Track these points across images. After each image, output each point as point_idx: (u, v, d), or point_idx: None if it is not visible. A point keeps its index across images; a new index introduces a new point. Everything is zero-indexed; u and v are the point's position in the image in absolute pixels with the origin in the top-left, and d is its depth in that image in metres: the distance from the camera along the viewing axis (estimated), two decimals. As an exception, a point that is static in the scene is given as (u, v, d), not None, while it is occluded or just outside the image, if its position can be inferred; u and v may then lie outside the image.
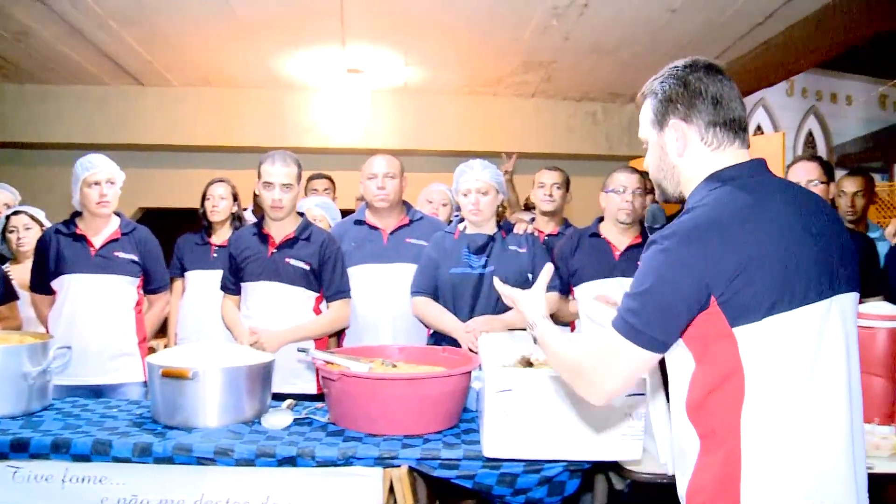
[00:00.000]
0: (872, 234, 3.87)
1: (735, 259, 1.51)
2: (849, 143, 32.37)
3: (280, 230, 3.49)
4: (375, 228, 3.74)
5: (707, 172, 1.69)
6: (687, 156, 1.72)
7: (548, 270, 2.09)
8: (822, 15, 5.98)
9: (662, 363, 1.73)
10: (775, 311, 1.52)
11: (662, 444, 2.31)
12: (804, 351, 1.55)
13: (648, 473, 2.38)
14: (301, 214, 3.61)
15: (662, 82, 1.75)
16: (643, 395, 2.25)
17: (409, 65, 7.13)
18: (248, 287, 3.48)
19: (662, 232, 1.59)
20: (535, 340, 1.95)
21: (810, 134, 32.34)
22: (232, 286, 3.56)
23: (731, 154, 1.70)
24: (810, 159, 3.51)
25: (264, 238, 3.49)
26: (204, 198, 4.43)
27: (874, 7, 6.19)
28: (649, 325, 1.56)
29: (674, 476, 2.09)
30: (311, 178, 5.11)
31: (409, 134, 8.20)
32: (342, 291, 3.51)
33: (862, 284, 1.73)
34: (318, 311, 3.51)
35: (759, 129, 30.14)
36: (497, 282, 2.19)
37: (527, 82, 7.82)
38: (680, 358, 1.66)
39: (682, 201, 1.78)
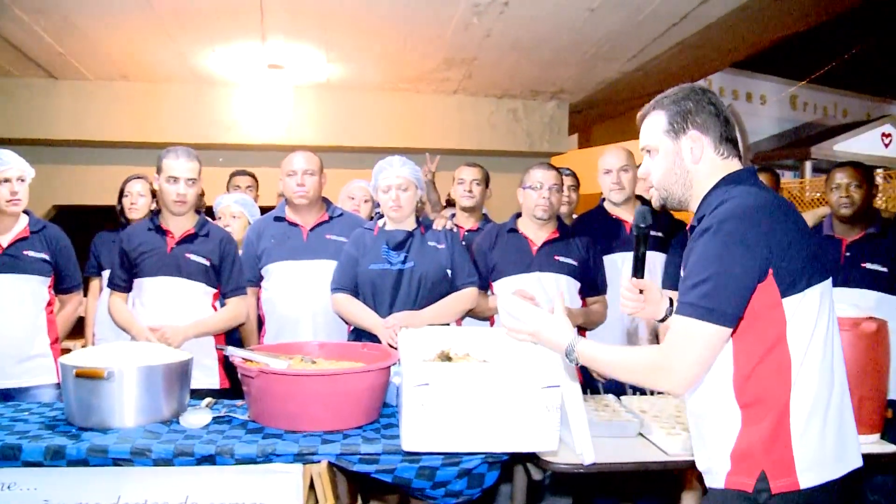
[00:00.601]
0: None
1: (783, 236, 1.76)
2: (763, 141, 33.38)
3: (179, 225, 3.45)
4: (295, 225, 3.73)
5: (718, 178, 1.92)
6: (702, 163, 1.94)
7: (562, 298, 2.32)
8: (735, 17, 6.16)
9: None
10: (812, 284, 1.80)
11: (579, 434, 2.36)
12: (824, 319, 1.82)
13: (565, 464, 2.43)
14: (198, 212, 3.58)
15: (680, 97, 1.97)
16: (558, 386, 2.30)
17: (332, 61, 7.10)
18: (144, 283, 3.43)
19: (713, 220, 1.78)
20: (576, 364, 2.10)
21: (727, 131, 33.15)
22: (122, 283, 3.50)
23: (734, 165, 1.95)
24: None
25: (162, 233, 3.45)
26: (121, 195, 4.34)
27: (784, 10, 6.41)
28: (724, 303, 1.74)
29: (590, 466, 2.21)
30: (233, 175, 5.06)
31: (331, 130, 8.16)
32: (240, 288, 3.53)
33: None
34: (214, 307, 3.49)
35: (677, 126, 30.79)
36: (508, 325, 2.38)
37: (448, 79, 7.86)
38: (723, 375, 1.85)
39: (682, 207, 2.02)
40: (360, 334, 3.41)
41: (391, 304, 3.35)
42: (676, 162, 1.97)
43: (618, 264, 3.72)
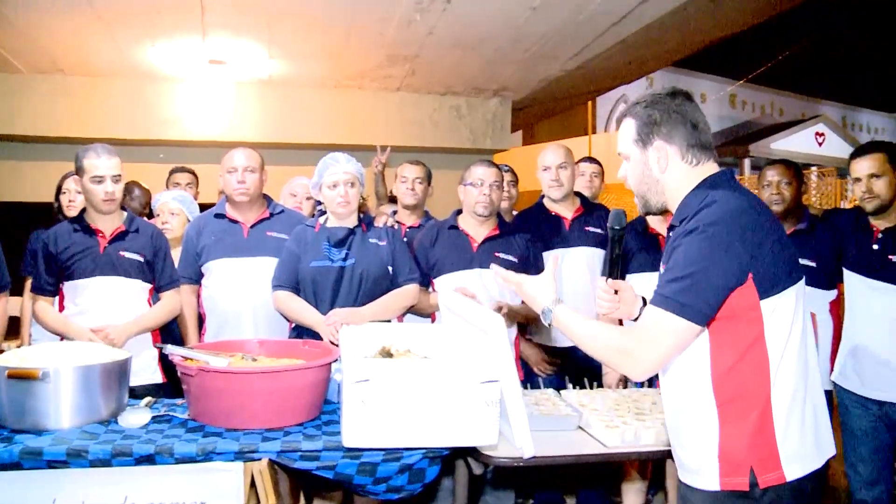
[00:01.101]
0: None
1: (763, 240, 1.82)
2: (703, 139, 33.86)
3: (109, 224, 3.40)
4: (236, 222, 3.70)
5: (692, 184, 1.96)
6: (669, 172, 1.99)
7: (554, 259, 2.31)
8: (674, 17, 6.27)
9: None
10: (788, 285, 1.87)
11: (518, 428, 2.40)
12: (800, 318, 1.90)
13: (505, 458, 2.46)
14: (123, 208, 3.53)
15: (647, 106, 2.00)
16: (497, 381, 2.34)
17: (273, 57, 7.04)
18: (78, 285, 3.35)
19: (699, 222, 1.83)
20: (549, 325, 2.11)
21: (668, 129, 33.71)
22: (50, 287, 3.40)
23: (708, 168, 1.99)
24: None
25: (92, 233, 3.38)
26: (59, 192, 4.25)
27: (722, 11, 6.55)
28: (698, 301, 1.80)
29: (530, 459, 2.25)
30: (173, 172, 5.00)
31: (273, 127, 8.10)
32: (174, 281, 3.51)
33: None
34: (150, 303, 3.46)
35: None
36: (498, 268, 2.33)
37: (391, 76, 7.86)
38: (697, 359, 1.92)
39: (663, 212, 2.08)
40: (301, 331, 3.41)
41: (332, 300, 3.35)
42: (645, 172, 2.02)
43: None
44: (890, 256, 3.16)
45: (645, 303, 2.29)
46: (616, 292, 2.28)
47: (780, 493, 1.84)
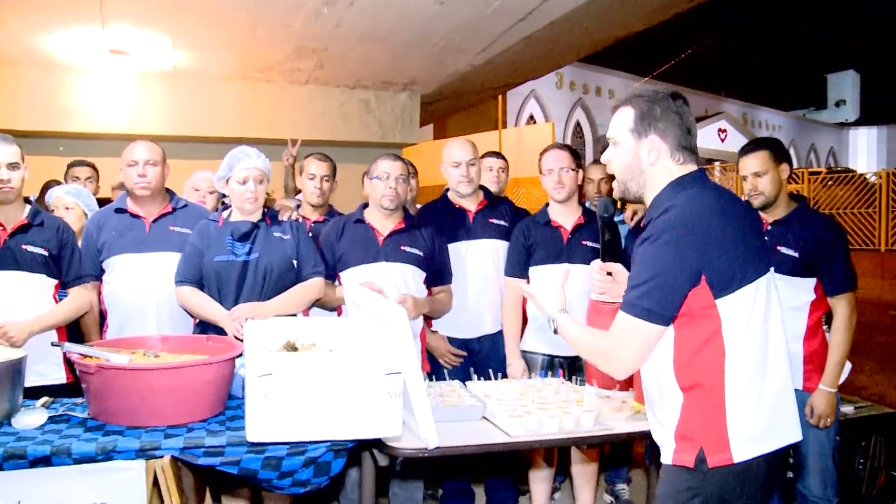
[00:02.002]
0: (616, 217, 4.22)
1: (716, 245, 1.96)
2: (611, 134, 34.47)
3: (9, 216, 3.28)
4: (137, 217, 3.62)
5: (669, 181, 2.10)
6: (656, 166, 2.11)
7: (565, 273, 2.41)
8: (580, 14, 6.42)
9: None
10: (745, 283, 2.00)
11: (422, 419, 2.42)
12: (759, 312, 2.03)
13: (410, 449, 2.49)
14: (28, 201, 3.43)
15: (649, 101, 2.11)
16: (400, 373, 2.36)
17: (178, 48, 6.91)
18: None
19: (655, 230, 1.99)
20: (555, 331, 2.29)
21: (578, 124, 34.39)
22: None
23: (690, 168, 2.12)
24: (562, 147, 3.76)
25: None
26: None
27: (627, 9, 6.72)
28: (660, 305, 1.97)
29: (434, 450, 2.42)
30: (71, 166, 4.85)
31: (179, 119, 7.96)
32: (81, 277, 3.40)
33: None
34: (56, 299, 3.36)
35: (531, 118, 31.66)
36: (521, 283, 2.60)
37: (300, 69, 7.81)
38: (661, 356, 2.08)
39: (638, 200, 2.19)
40: (205, 327, 3.36)
41: (237, 295, 3.31)
42: (634, 161, 2.13)
43: (462, 252, 3.82)
44: (779, 248, 3.28)
45: None
46: (610, 274, 2.46)
47: (727, 473, 2.01)
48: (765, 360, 2.05)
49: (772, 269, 2.11)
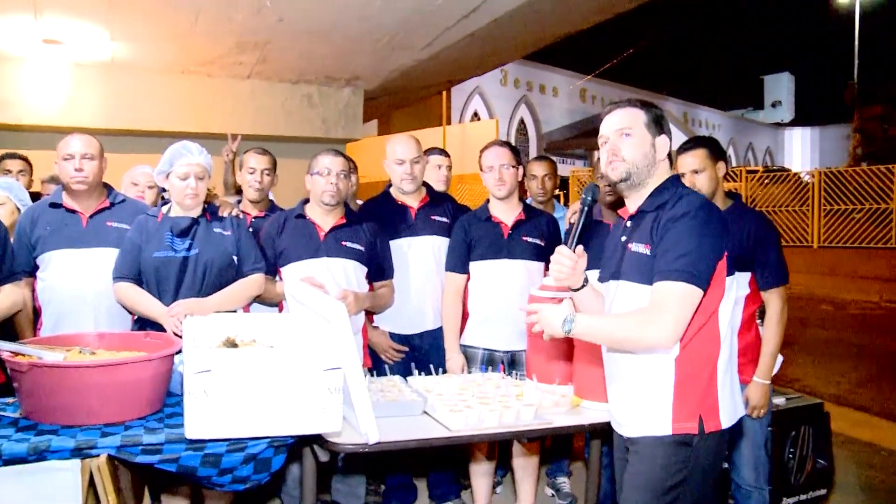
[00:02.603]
0: (557, 214, 4.27)
1: (728, 232, 2.30)
2: (555, 131, 35.08)
3: None
4: (73, 212, 3.55)
5: (664, 176, 2.42)
6: (661, 162, 2.41)
7: (569, 304, 2.51)
8: (524, 12, 6.46)
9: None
10: (734, 270, 2.37)
11: (362, 414, 2.43)
12: (734, 295, 2.39)
13: (350, 444, 2.50)
14: None
15: (657, 109, 2.44)
16: (340, 368, 2.36)
17: (116, 39, 6.77)
18: None
19: (689, 207, 2.26)
20: (567, 332, 2.31)
21: (522, 121, 34.60)
22: None
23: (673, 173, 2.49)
24: (502, 144, 3.79)
25: None
26: None
27: (569, 7, 6.79)
28: (702, 271, 2.19)
29: (375, 445, 2.45)
30: (2, 158, 4.73)
31: (116, 112, 7.79)
32: (14, 273, 3.31)
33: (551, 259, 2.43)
34: None
35: (475, 115, 31.75)
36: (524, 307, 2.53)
37: (242, 63, 7.72)
38: None
39: (633, 186, 2.40)
40: (144, 324, 3.31)
41: (176, 291, 3.28)
42: (650, 152, 2.39)
43: (404, 249, 3.83)
44: None
45: (586, 279, 2.55)
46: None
47: (712, 438, 2.30)
48: (733, 335, 2.42)
49: None
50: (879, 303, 12.95)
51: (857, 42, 33.92)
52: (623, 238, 2.46)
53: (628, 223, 2.48)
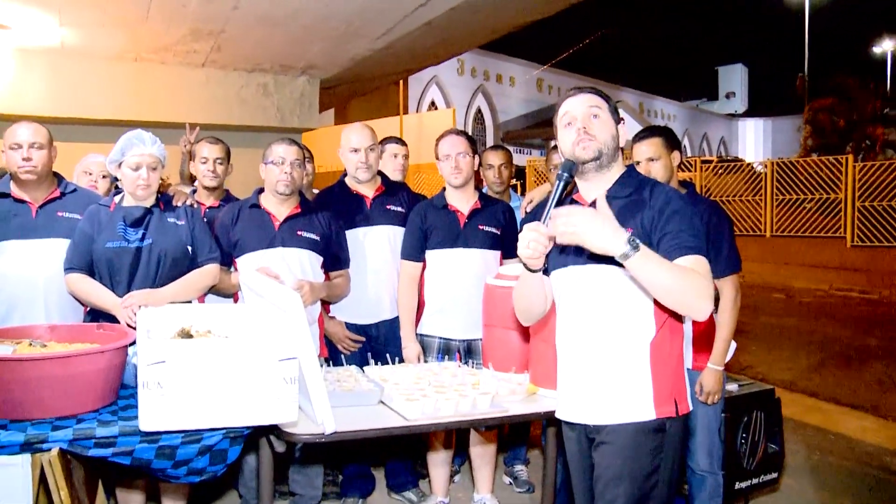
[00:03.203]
0: (514, 203, 4.30)
1: None
2: (512, 121, 35.20)
3: None
4: (22, 202, 3.48)
5: (624, 166, 2.45)
6: (619, 150, 2.43)
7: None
8: (479, 1, 6.46)
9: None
10: None
11: (318, 404, 2.42)
12: None
13: (307, 434, 2.49)
14: None
15: (614, 102, 2.46)
16: (295, 358, 2.36)
17: (65, 25, 6.64)
18: None
19: (675, 194, 2.33)
20: (633, 252, 2.06)
21: (479, 111, 34.68)
22: None
23: None
24: (458, 133, 3.79)
25: None
26: None
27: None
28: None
29: (331, 435, 2.42)
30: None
31: (66, 100, 7.63)
32: None
33: (507, 248, 2.52)
34: None
35: (433, 104, 31.73)
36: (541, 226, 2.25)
37: (196, 51, 7.63)
38: (641, 302, 2.29)
39: (601, 166, 2.36)
40: (97, 315, 3.27)
41: (129, 282, 3.23)
42: (616, 136, 2.39)
43: (359, 238, 3.82)
44: None
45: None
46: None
47: (680, 421, 2.35)
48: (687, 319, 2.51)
49: None
50: (829, 291, 13.22)
51: (807, 35, 34.56)
52: None
53: (591, 208, 2.31)
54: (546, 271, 2.44)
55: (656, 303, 2.26)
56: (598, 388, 2.37)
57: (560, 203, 2.28)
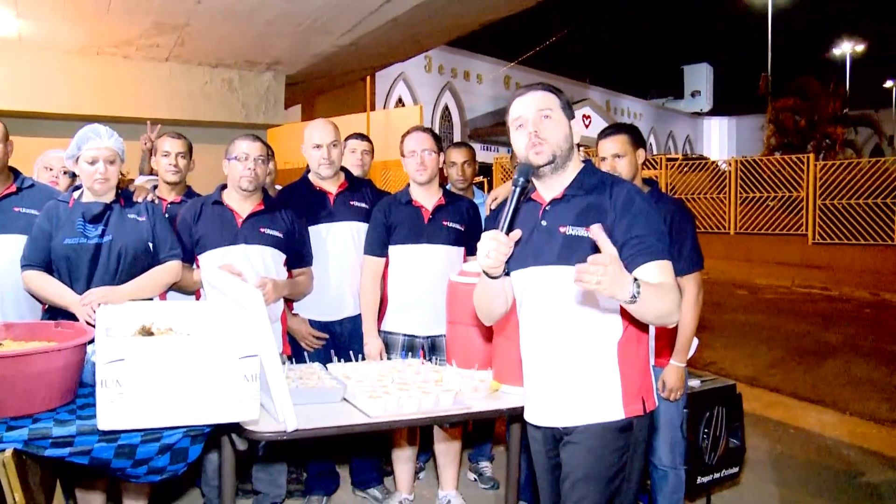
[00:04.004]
0: (478, 200, 4.30)
1: None
2: (479, 118, 35.28)
3: None
4: (-23, 197, 3.43)
5: (581, 162, 2.43)
6: (575, 147, 2.40)
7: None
8: (443, -1, 6.46)
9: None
10: None
11: (280, 402, 2.41)
12: None
13: (269, 432, 2.47)
14: None
15: (566, 96, 2.44)
16: (256, 356, 2.34)
17: (22, 16, 6.52)
18: None
19: (637, 192, 2.31)
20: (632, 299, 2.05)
21: (446, 108, 34.70)
22: None
23: None
24: (423, 130, 3.78)
25: None
26: None
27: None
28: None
29: (293, 433, 2.41)
30: None
31: (24, 93, 7.51)
32: None
33: (471, 245, 2.45)
34: None
35: (400, 101, 31.68)
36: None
37: (159, 45, 7.54)
38: (607, 302, 2.26)
39: (556, 168, 2.34)
40: (55, 313, 3.22)
41: (89, 279, 3.18)
42: (569, 134, 2.36)
43: (322, 235, 3.80)
44: None
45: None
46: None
47: (645, 418, 2.35)
48: None
49: None
50: (792, 287, 13.42)
51: (770, 36, 35.02)
52: (544, 223, 2.36)
53: (548, 207, 2.38)
54: (507, 271, 2.40)
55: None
56: (567, 391, 2.35)
57: (517, 209, 2.26)
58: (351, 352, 3.39)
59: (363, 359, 3.40)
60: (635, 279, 2.00)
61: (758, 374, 7.27)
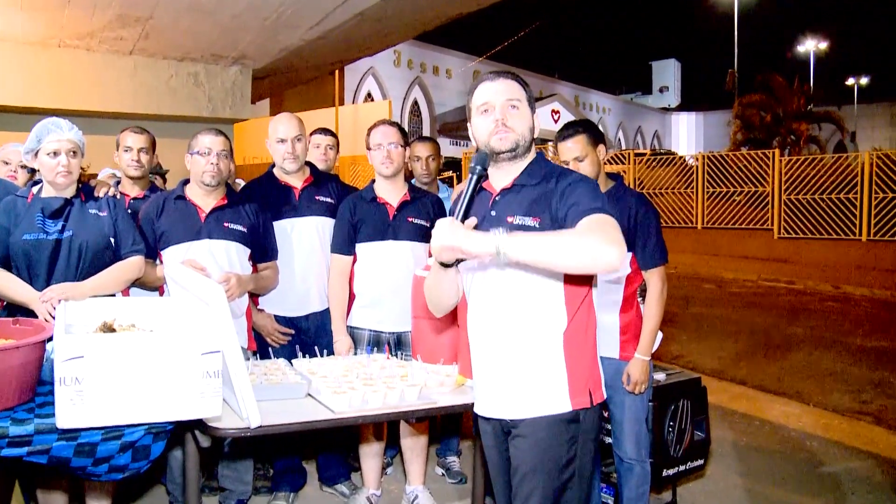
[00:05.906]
0: (442, 194, 4.30)
1: None
2: (449, 113, 35.28)
3: None
4: (-66, 193, 3.36)
5: (534, 153, 2.42)
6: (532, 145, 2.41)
7: (471, 223, 2.23)
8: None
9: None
10: None
11: (243, 398, 2.39)
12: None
13: (232, 429, 2.45)
14: None
15: (529, 87, 2.44)
16: (219, 352, 2.32)
17: (-22, 7, 6.42)
18: None
19: (580, 177, 2.31)
20: (506, 260, 2.05)
21: (416, 102, 34.63)
22: None
23: None
24: (390, 124, 3.77)
25: None
26: None
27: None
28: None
29: (257, 429, 2.40)
30: None
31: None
32: None
33: None
34: None
35: (369, 96, 31.59)
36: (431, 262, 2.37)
37: (123, 38, 7.45)
38: (551, 292, 2.29)
39: (517, 155, 2.35)
40: (13, 310, 3.16)
41: (48, 275, 3.14)
42: (531, 128, 2.37)
43: (287, 230, 3.78)
44: None
45: None
46: None
47: (594, 410, 2.36)
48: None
49: None
50: (758, 281, 13.58)
51: (736, 33, 35.37)
52: (493, 213, 2.35)
53: (498, 197, 2.37)
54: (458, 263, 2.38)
55: (567, 292, 2.27)
56: (513, 382, 2.35)
57: (473, 197, 2.27)
58: (316, 347, 3.37)
59: (329, 354, 3.38)
60: (499, 230, 2.03)
61: (724, 367, 7.35)
